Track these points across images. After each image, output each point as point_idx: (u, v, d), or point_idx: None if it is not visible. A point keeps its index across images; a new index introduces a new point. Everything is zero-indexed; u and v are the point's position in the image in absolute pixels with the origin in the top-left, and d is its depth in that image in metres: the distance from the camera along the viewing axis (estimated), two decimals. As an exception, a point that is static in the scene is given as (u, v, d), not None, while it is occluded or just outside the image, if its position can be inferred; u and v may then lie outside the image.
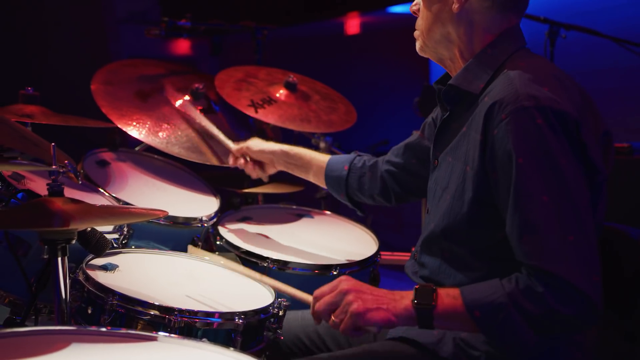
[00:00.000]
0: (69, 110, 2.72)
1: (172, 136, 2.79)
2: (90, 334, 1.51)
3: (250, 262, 2.40)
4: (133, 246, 2.35)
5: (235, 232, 2.62)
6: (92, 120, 2.72)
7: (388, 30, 7.15)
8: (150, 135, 2.75)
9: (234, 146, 2.61)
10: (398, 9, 6.41)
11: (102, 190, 2.47)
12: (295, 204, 3.05)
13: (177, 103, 2.96)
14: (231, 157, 2.61)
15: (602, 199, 1.74)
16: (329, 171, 2.42)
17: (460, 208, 1.78)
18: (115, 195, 2.46)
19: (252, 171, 2.58)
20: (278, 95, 3.08)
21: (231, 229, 2.65)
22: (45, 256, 1.67)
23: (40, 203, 1.66)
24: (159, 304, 1.81)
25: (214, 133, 2.72)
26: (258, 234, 2.66)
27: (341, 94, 3.36)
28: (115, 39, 6.26)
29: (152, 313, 1.80)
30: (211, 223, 2.61)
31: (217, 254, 2.37)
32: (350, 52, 7.32)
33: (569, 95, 1.70)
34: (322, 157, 2.47)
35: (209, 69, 6.34)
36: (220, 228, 2.63)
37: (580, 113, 1.68)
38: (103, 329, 1.54)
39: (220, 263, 2.22)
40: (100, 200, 2.42)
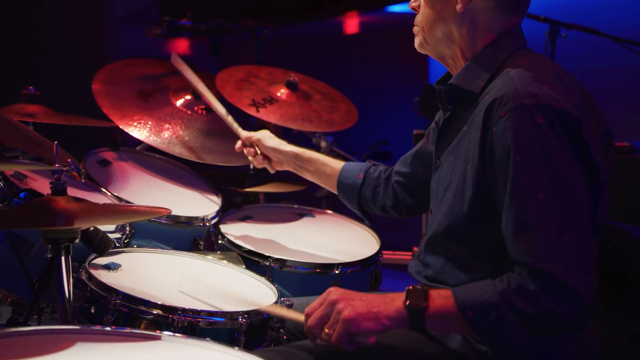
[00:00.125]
0: (69, 110, 2.71)
1: (174, 136, 2.79)
2: (95, 333, 1.51)
3: (252, 262, 2.39)
4: (135, 245, 2.35)
5: (237, 231, 2.62)
6: (94, 119, 2.71)
7: (387, 29, 7.16)
8: (152, 135, 2.75)
9: (243, 133, 2.55)
10: (397, 8, 6.41)
11: (104, 190, 2.47)
12: (297, 203, 3.05)
13: (179, 103, 2.96)
14: (239, 143, 2.54)
15: (604, 198, 1.73)
16: (343, 178, 2.38)
17: (461, 207, 1.78)
18: (117, 195, 2.46)
19: (259, 163, 2.52)
20: (279, 94, 3.08)
21: (233, 228, 2.65)
22: (49, 255, 1.67)
23: (44, 202, 1.66)
24: (162, 303, 1.81)
25: (222, 116, 2.64)
26: (260, 232, 2.66)
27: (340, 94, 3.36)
28: (114, 38, 6.26)
29: (156, 312, 1.80)
30: (213, 222, 2.60)
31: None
32: (349, 52, 7.32)
33: (569, 94, 1.69)
34: (335, 163, 2.42)
35: (208, 68, 6.34)
36: (222, 227, 2.62)
37: (581, 112, 1.68)
38: (108, 328, 1.54)
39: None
40: (102, 200, 2.42)
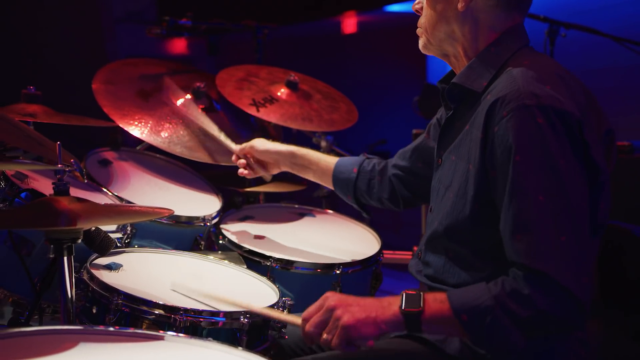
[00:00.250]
0: (67, 110, 2.71)
1: (174, 135, 2.79)
2: (98, 333, 1.51)
3: (254, 262, 2.39)
4: (136, 245, 2.35)
5: (237, 231, 2.61)
6: (95, 119, 2.71)
7: (385, 29, 7.16)
8: (152, 135, 2.75)
9: (235, 147, 2.57)
10: (395, 8, 6.41)
11: (105, 190, 2.47)
12: (297, 203, 3.05)
13: (179, 102, 2.95)
14: (234, 157, 2.57)
15: (605, 198, 1.73)
16: (338, 173, 2.40)
17: (463, 207, 1.78)
18: (117, 195, 2.46)
19: (251, 174, 2.54)
20: (279, 94, 3.08)
21: (233, 228, 2.65)
22: (51, 255, 1.67)
23: (47, 202, 1.66)
24: (164, 303, 1.81)
25: (214, 135, 2.68)
26: (261, 232, 2.65)
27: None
28: (112, 38, 6.25)
29: (157, 312, 1.80)
30: (214, 222, 2.60)
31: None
32: (347, 52, 7.32)
33: (571, 94, 1.69)
34: (330, 159, 2.44)
35: (206, 68, 6.33)
36: (223, 227, 2.62)
37: (583, 112, 1.68)
38: (111, 329, 1.54)
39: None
40: (103, 200, 2.41)
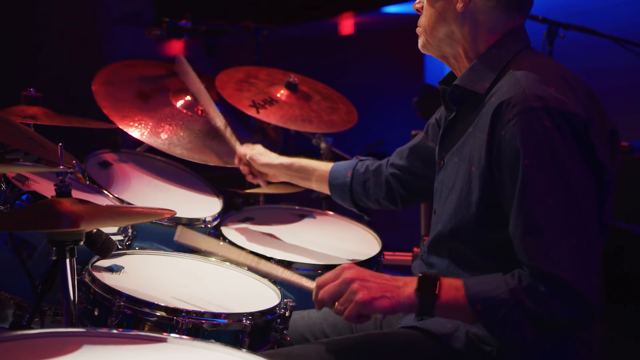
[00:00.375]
0: (64, 111, 2.70)
1: (174, 137, 2.79)
2: (101, 335, 1.50)
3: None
4: (137, 247, 2.34)
5: (238, 233, 2.61)
6: (95, 121, 2.70)
7: (382, 30, 7.16)
8: (152, 137, 2.74)
9: (238, 148, 2.62)
10: (392, 9, 6.42)
11: (106, 192, 2.46)
12: (297, 205, 3.05)
13: (178, 104, 2.95)
14: (236, 160, 2.63)
15: (610, 198, 1.74)
16: (332, 179, 2.43)
17: (468, 209, 1.78)
18: (118, 196, 2.45)
19: (253, 179, 2.62)
20: (279, 95, 3.07)
21: (234, 229, 2.65)
22: (54, 257, 1.66)
23: (49, 204, 1.66)
24: (166, 305, 1.81)
25: (220, 128, 2.69)
26: (262, 233, 2.65)
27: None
28: (109, 39, 6.24)
29: (159, 314, 1.80)
30: (215, 224, 2.60)
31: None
32: (344, 53, 7.32)
33: (575, 95, 1.70)
34: (324, 166, 2.47)
35: (203, 69, 6.32)
36: (223, 229, 2.62)
37: (588, 113, 1.68)
38: (114, 331, 1.53)
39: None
40: (103, 202, 2.41)
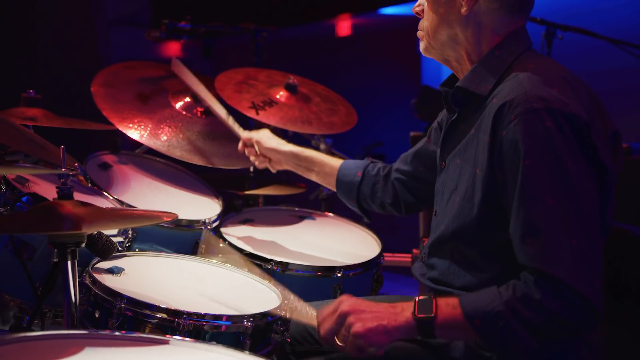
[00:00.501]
0: (63, 113, 2.70)
1: (174, 139, 2.78)
2: (103, 337, 1.50)
3: (254, 265, 2.38)
4: (137, 249, 2.34)
5: (237, 234, 2.61)
6: (95, 123, 2.70)
7: (380, 32, 7.17)
8: (152, 138, 2.74)
9: (244, 134, 2.58)
10: (389, 11, 6.43)
11: (106, 194, 2.46)
12: (297, 206, 3.05)
13: (178, 105, 2.94)
14: (240, 144, 2.58)
15: (611, 199, 1.74)
16: (341, 175, 2.39)
17: (471, 210, 1.78)
18: (118, 198, 2.45)
19: (260, 162, 2.54)
20: (278, 97, 3.07)
21: (234, 231, 2.64)
22: (55, 259, 1.66)
23: (50, 206, 1.65)
24: (166, 307, 1.80)
25: (222, 118, 2.68)
26: (261, 235, 2.65)
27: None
28: (105, 41, 6.23)
29: (160, 316, 1.79)
30: (214, 225, 2.60)
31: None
32: (342, 54, 7.33)
33: (577, 97, 1.70)
34: (334, 162, 2.43)
35: (201, 71, 6.31)
36: (223, 230, 2.62)
37: (590, 114, 1.68)
38: (117, 333, 1.53)
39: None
40: (103, 204, 2.40)
